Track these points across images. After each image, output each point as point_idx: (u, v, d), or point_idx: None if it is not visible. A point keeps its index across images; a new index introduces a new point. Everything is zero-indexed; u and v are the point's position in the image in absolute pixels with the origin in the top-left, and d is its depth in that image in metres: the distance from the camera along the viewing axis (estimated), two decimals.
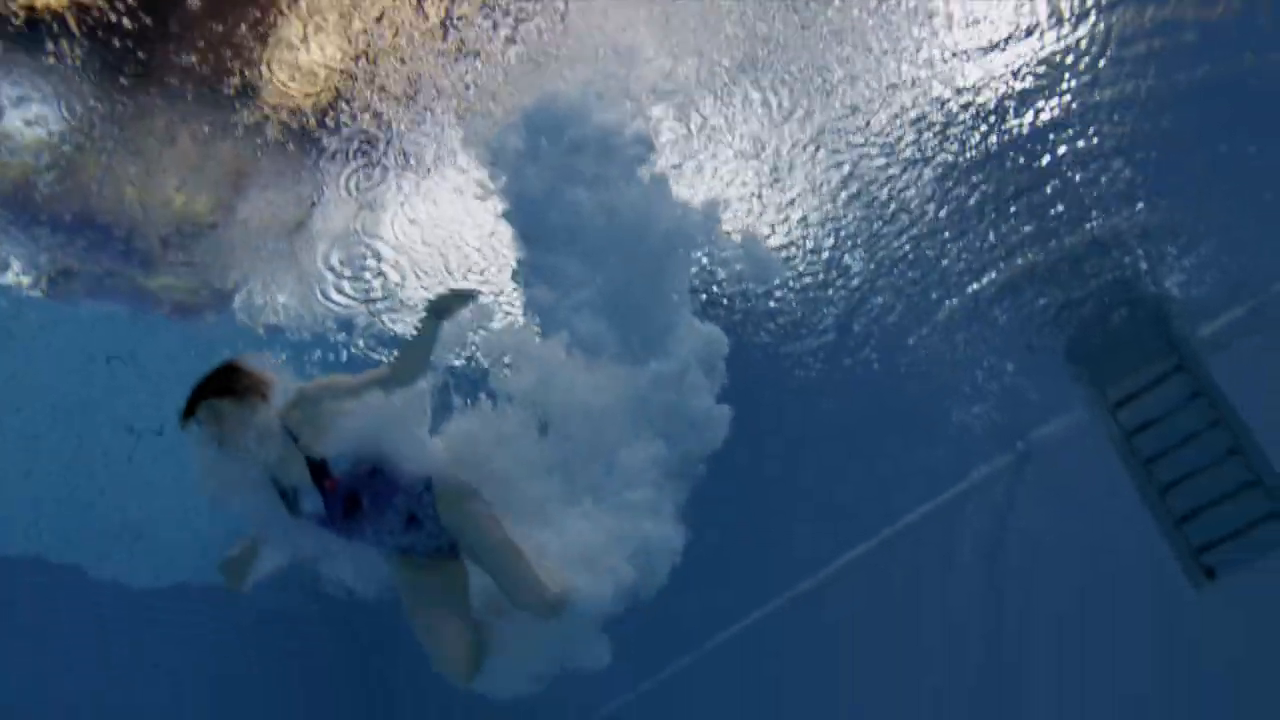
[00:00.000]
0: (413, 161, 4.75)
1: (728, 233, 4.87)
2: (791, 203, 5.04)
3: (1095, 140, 4.48)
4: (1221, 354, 5.56)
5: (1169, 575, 5.55)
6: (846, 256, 5.30)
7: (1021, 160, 4.66)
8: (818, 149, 4.71)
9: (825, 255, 5.34)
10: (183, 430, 3.02)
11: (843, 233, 5.17)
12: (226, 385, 3.02)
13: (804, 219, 5.16)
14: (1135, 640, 5.72)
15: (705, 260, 5.29)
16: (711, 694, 8.02)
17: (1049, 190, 4.89)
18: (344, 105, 4.56)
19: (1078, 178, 4.76)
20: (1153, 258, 5.25)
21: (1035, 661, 6.19)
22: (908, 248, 5.21)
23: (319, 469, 3.07)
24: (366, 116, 4.60)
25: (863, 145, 4.63)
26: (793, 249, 5.32)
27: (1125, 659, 5.74)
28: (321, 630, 6.76)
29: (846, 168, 4.77)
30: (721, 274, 5.49)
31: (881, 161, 4.74)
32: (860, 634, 7.16)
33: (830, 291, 5.63)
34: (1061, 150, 4.61)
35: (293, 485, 3.11)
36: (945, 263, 5.29)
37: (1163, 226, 5.01)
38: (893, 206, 4.98)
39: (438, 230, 5.11)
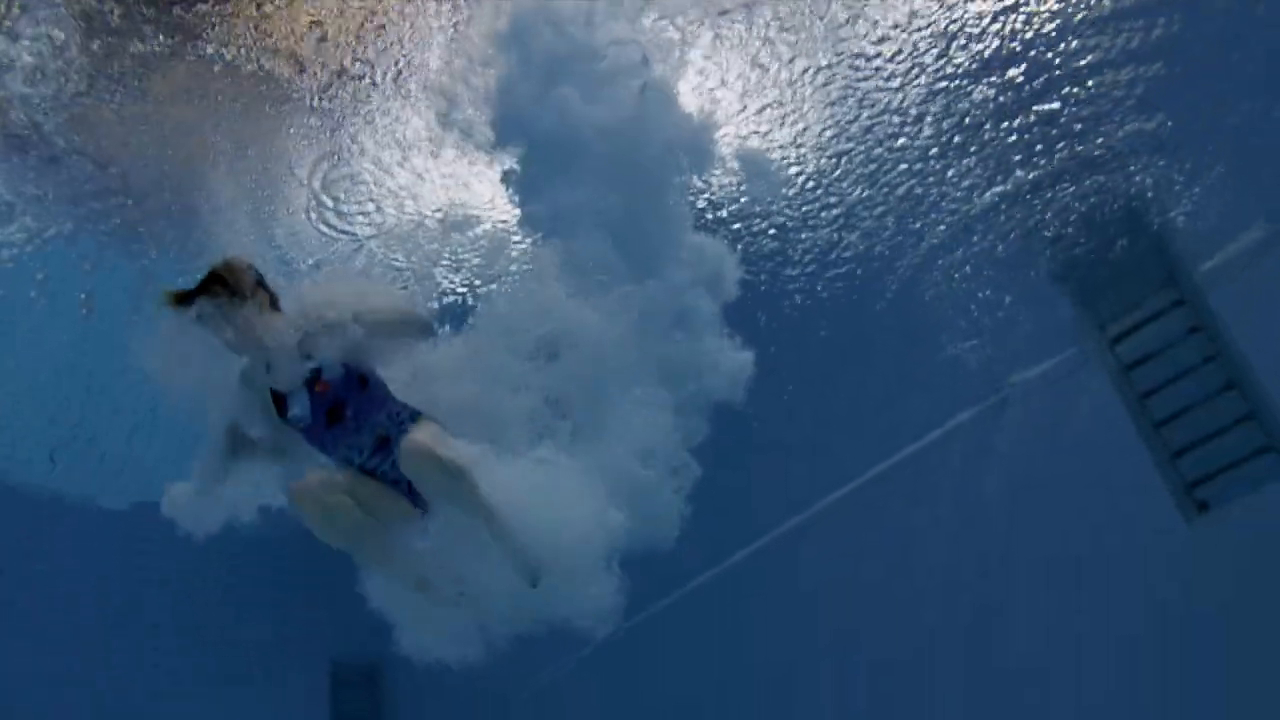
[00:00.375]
0: (402, 84, 4.65)
1: (723, 157, 4.78)
2: (782, 123, 4.94)
3: (1102, 55, 4.36)
4: (1227, 285, 5.51)
5: (1163, 510, 5.58)
6: (841, 182, 5.22)
7: (1023, 80, 4.56)
8: (811, 67, 4.60)
9: (818, 180, 5.27)
10: (168, 308, 3.06)
11: (839, 156, 5.08)
12: (234, 282, 3.12)
13: (796, 141, 5.07)
14: (1128, 576, 5.73)
15: (702, 191, 5.22)
16: (697, 635, 8.08)
17: (1050, 114, 4.80)
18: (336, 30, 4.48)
19: (1082, 101, 4.67)
20: (1160, 185, 5.17)
21: (1028, 599, 6.20)
22: (903, 175, 5.13)
23: (313, 373, 3.15)
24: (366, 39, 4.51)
25: (857, 58, 4.52)
26: (787, 173, 5.24)
27: (1119, 597, 5.75)
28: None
29: (840, 84, 4.66)
30: (710, 214, 5.42)
31: (876, 76, 4.62)
32: (854, 572, 7.19)
33: (820, 220, 5.56)
34: (1067, 69, 4.50)
35: (285, 389, 3.18)
36: (942, 190, 5.21)
37: (1171, 151, 4.92)
38: (888, 128, 4.88)
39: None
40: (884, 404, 6.93)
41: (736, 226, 5.49)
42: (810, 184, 5.29)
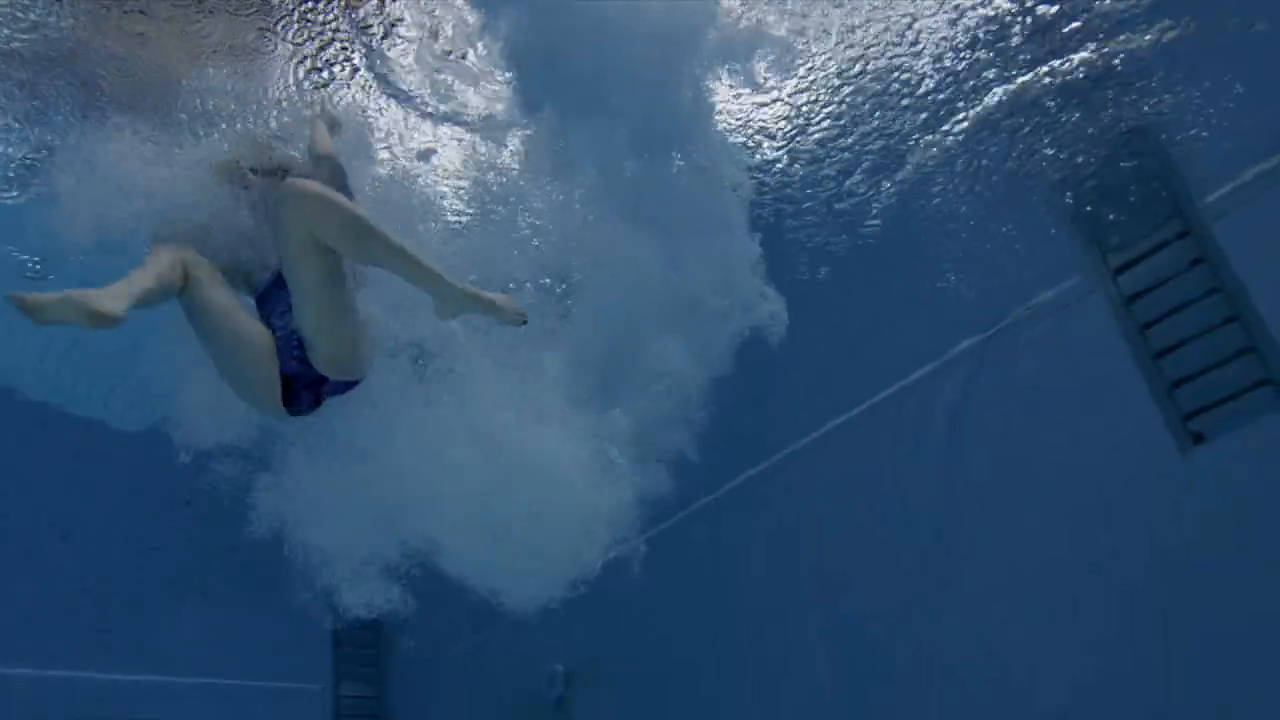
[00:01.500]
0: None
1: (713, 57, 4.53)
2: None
3: None
4: (1232, 217, 5.37)
5: (1160, 447, 5.48)
6: (830, 106, 5.01)
7: None
8: None
9: (807, 108, 5.05)
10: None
11: (826, 81, 4.86)
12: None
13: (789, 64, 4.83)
14: (1125, 514, 5.64)
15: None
16: (692, 559, 8.04)
17: (1058, 23, 4.59)
18: None
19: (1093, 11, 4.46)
20: (1175, 108, 4.99)
21: (1020, 540, 6.11)
22: (898, 88, 4.91)
23: None
24: None
25: None
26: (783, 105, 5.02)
27: (1115, 533, 5.66)
28: None
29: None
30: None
31: None
32: (841, 509, 7.12)
33: (814, 152, 5.36)
34: None
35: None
36: (938, 106, 5.01)
37: (1185, 67, 4.73)
38: (883, 41, 4.65)
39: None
40: (873, 336, 6.79)
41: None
42: (800, 100, 5.06)
